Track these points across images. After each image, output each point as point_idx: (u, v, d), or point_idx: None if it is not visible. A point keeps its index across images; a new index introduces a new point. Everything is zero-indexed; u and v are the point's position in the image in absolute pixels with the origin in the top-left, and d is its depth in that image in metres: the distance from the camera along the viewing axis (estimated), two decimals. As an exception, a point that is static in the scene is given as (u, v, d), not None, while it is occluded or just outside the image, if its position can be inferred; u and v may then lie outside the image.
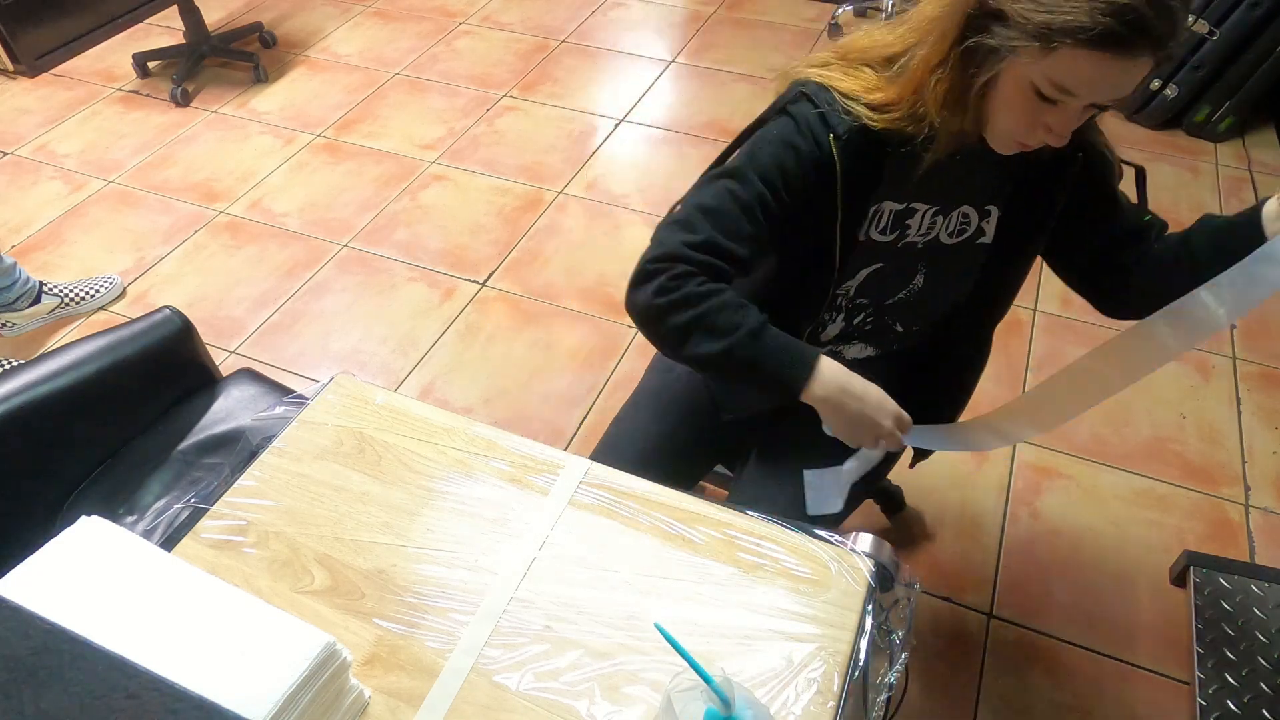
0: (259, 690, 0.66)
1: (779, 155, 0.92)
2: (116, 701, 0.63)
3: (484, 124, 2.87)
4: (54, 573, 0.74)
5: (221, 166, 2.71)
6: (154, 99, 3.01)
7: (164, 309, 1.32)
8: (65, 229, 2.47)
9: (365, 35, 3.35)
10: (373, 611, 0.83)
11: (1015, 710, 1.47)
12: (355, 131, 2.84)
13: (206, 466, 1.23)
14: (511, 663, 0.79)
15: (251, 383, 1.37)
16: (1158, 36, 0.74)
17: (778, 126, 0.93)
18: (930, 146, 0.89)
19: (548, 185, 2.61)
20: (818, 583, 0.85)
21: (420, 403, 1.04)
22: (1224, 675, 1.41)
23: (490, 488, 0.94)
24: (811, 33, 3.35)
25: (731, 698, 0.68)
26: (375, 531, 0.90)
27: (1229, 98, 2.66)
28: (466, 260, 2.35)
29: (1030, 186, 0.98)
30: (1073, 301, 2.24)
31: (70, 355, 1.20)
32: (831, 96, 0.90)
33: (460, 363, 2.08)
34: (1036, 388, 0.98)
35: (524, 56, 3.21)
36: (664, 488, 0.94)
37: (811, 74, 0.93)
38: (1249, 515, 1.74)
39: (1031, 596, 1.62)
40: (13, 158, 2.76)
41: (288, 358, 2.10)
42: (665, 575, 0.86)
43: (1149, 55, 0.75)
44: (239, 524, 0.90)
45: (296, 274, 2.32)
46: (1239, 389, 2.00)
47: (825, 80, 0.92)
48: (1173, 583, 1.63)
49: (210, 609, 0.72)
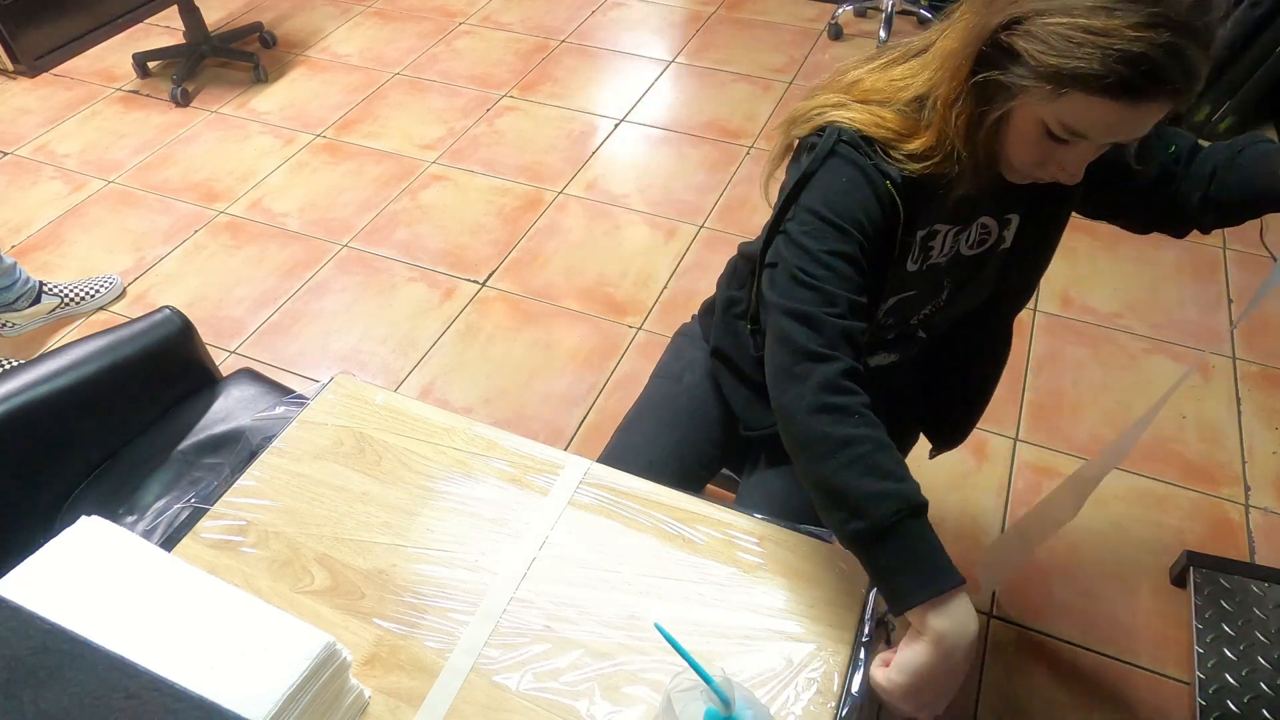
0: (259, 690, 0.66)
1: (860, 201, 0.87)
2: (116, 701, 0.63)
3: (484, 124, 2.87)
4: (54, 573, 0.74)
5: (221, 166, 2.71)
6: (154, 99, 3.01)
7: (164, 309, 1.32)
8: (65, 229, 2.47)
9: (365, 35, 3.35)
10: (373, 611, 0.83)
11: (1015, 710, 1.47)
12: (355, 131, 2.85)
13: (206, 466, 1.23)
14: (511, 663, 0.79)
15: (251, 383, 1.37)
16: (1174, 88, 0.71)
17: (840, 173, 0.88)
18: (960, 178, 0.87)
19: (548, 185, 2.61)
20: (818, 582, 0.85)
21: (420, 403, 1.04)
22: (1224, 675, 1.41)
23: (490, 488, 0.94)
24: (811, 33, 3.35)
25: (731, 698, 0.68)
26: (375, 531, 0.90)
27: (1229, 98, 2.66)
28: (466, 260, 2.35)
29: (1046, 188, 0.95)
30: (1073, 301, 2.26)
31: (70, 355, 1.20)
32: (873, 148, 0.88)
33: (460, 363, 2.08)
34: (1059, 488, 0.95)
35: (524, 56, 3.21)
36: (664, 488, 0.94)
37: (836, 117, 0.89)
38: (1249, 515, 1.74)
39: (1031, 596, 1.62)
40: (13, 158, 2.76)
41: (288, 358, 2.10)
42: (665, 575, 0.86)
43: (1165, 103, 0.72)
44: (239, 524, 0.90)
45: (296, 274, 2.32)
46: (1239, 389, 1.99)
47: (853, 124, 0.88)
48: (1173, 583, 1.63)
49: (210, 609, 0.72)
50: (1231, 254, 2.35)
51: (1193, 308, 2.19)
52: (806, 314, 0.84)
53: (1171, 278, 2.27)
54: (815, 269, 0.85)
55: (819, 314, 0.83)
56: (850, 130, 0.88)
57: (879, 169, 0.86)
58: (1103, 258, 2.34)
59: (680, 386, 1.24)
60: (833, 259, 0.85)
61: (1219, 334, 2.12)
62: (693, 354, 1.27)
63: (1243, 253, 2.36)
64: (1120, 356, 2.06)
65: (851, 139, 0.88)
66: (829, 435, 0.79)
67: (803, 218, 0.88)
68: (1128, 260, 2.33)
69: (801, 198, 0.89)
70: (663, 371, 1.28)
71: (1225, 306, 2.20)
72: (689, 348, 1.28)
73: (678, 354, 1.29)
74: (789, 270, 0.87)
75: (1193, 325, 2.14)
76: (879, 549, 0.76)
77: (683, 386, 1.23)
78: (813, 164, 0.89)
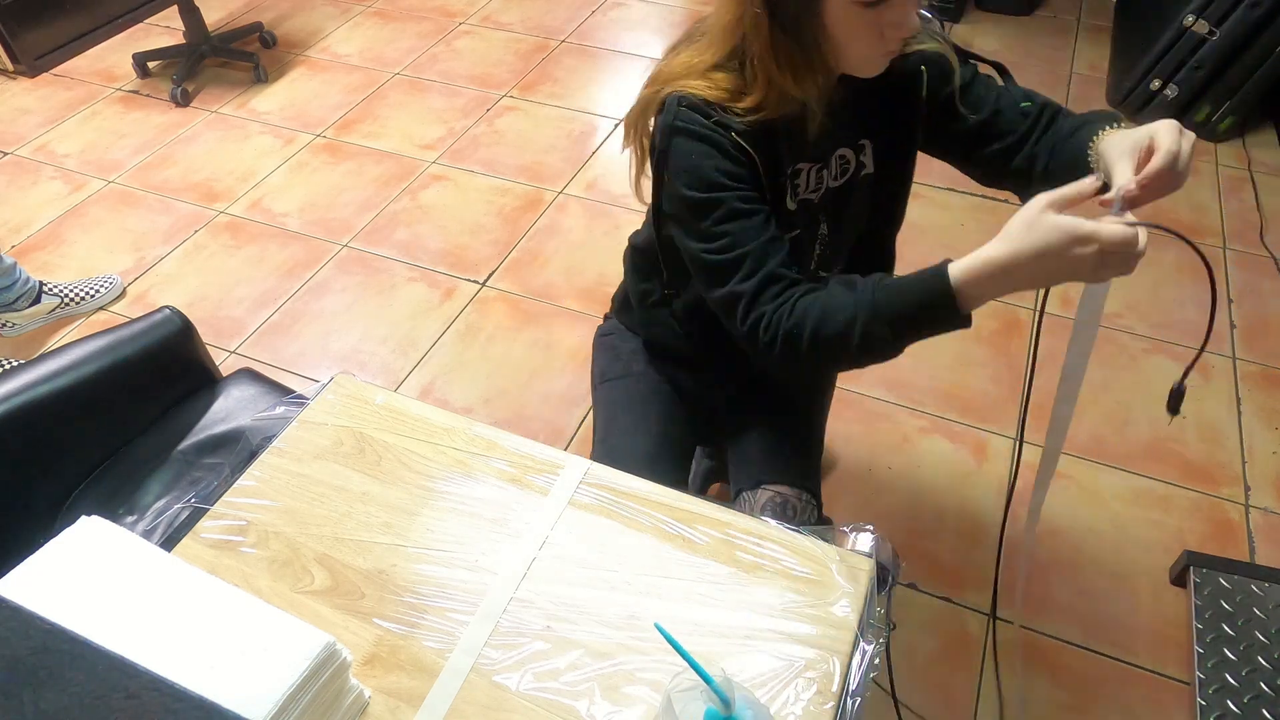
0: (259, 690, 0.66)
1: (715, 165, 0.92)
2: (116, 701, 0.63)
3: (484, 124, 2.87)
4: (54, 573, 0.74)
5: (221, 166, 2.71)
6: (154, 99, 3.01)
7: (164, 309, 1.32)
8: (65, 229, 2.47)
9: (365, 35, 3.35)
10: (373, 611, 0.83)
11: (1015, 710, 1.47)
12: (355, 131, 2.84)
13: (206, 466, 1.23)
14: (511, 663, 0.79)
15: (251, 383, 1.37)
16: None
17: (687, 149, 0.93)
18: (811, 117, 0.94)
19: (548, 185, 2.61)
20: (818, 582, 0.85)
21: (420, 403, 1.04)
22: (1224, 675, 1.41)
23: (490, 488, 0.94)
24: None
25: (731, 698, 0.68)
26: (375, 531, 0.90)
27: (1229, 98, 2.66)
28: (466, 260, 2.35)
29: (891, 111, 1.02)
30: (1073, 302, 2.24)
31: (70, 355, 1.21)
32: (712, 108, 0.93)
33: (460, 363, 2.08)
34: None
35: (524, 56, 3.21)
36: (664, 488, 0.94)
37: (675, 88, 0.94)
38: (1249, 515, 1.74)
39: (1031, 596, 1.62)
40: (13, 158, 2.76)
41: (288, 358, 2.10)
42: (665, 575, 0.86)
43: None
44: (239, 524, 0.90)
45: (296, 274, 2.32)
46: (1239, 389, 1.99)
47: (692, 90, 0.93)
48: (1173, 583, 1.63)
49: (210, 609, 0.72)
50: (1231, 254, 2.35)
51: (1193, 308, 2.19)
52: (727, 298, 0.93)
53: (1171, 278, 2.27)
54: (711, 244, 0.93)
55: (735, 290, 0.92)
56: (688, 95, 0.93)
57: (720, 124, 0.92)
58: (1103, 258, 2.34)
59: (633, 380, 1.26)
60: (720, 226, 0.93)
61: (1219, 334, 2.12)
62: (628, 347, 1.29)
63: (1243, 253, 2.36)
64: (1120, 356, 2.06)
65: (689, 102, 0.93)
66: (835, 338, 0.87)
67: (677, 207, 0.96)
68: (1128, 260, 2.33)
69: (666, 186, 0.97)
70: (608, 375, 1.29)
71: (1225, 306, 2.20)
72: (621, 343, 1.31)
73: (614, 354, 1.30)
74: (695, 259, 0.96)
75: (1193, 325, 2.14)
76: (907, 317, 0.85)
77: (635, 378, 1.26)
78: (662, 142, 0.96)
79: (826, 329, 0.87)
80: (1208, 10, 2.55)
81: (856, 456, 1.85)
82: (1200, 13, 2.56)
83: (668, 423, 1.22)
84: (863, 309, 0.86)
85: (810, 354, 0.89)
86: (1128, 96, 2.81)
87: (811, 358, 0.90)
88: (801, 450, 1.23)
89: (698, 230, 0.95)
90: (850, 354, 0.88)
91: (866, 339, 0.86)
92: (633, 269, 1.25)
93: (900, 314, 0.85)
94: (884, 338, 0.86)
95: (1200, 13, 2.56)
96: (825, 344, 0.88)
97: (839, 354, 0.89)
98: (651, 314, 1.22)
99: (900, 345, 0.87)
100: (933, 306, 0.83)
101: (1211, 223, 2.45)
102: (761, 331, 0.91)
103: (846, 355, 0.89)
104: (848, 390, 1.98)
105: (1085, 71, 3.10)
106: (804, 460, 1.22)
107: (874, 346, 0.87)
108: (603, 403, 1.27)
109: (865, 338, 0.86)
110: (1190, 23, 2.59)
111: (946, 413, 1.93)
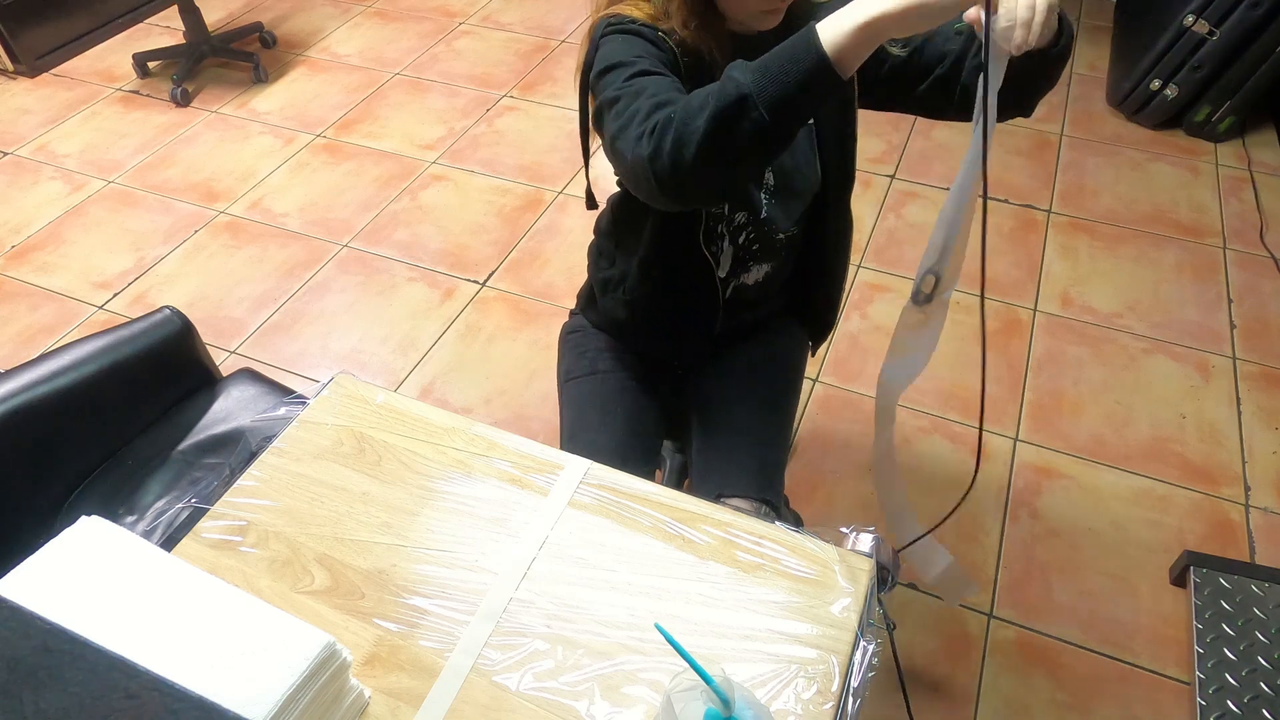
0: (259, 690, 0.66)
1: (641, 48, 0.94)
2: (116, 701, 0.63)
3: (484, 124, 2.87)
4: (54, 573, 0.74)
5: (221, 166, 2.71)
6: (154, 99, 3.01)
7: (164, 309, 1.32)
8: (65, 229, 2.47)
9: (365, 35, 3.35)
10: (373, 611, 0.83)
11: (1015, 710, 1.47)
12: (355, 131, 2.85)
13: (206, 466, 1.23)
14: (511, 663, 0.79)
15: (251, 383, 1.37)
16: None
17: (615, 42, 0.95)
18: (713, 63, 0.97)
19: (548, 185, 2.61)
20: (818, 583, 0.85)
21: (420, 403, 1.04)
22: (1224, 675, 1.41)
23: (490, 488, 0.94)
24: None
25: (731, 698, 0.68)
26: (375, 531, 0.90)
27: (1229, 98, 2.66)
28: (466, 260, 2.35)
29: None
30: (1073, 301, 2.26)
31: (70, 355, 1.21)
32: (639, 25, 0.96)
33: (460, 363, 2.08)
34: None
35: (524, 56, 3.21)
36: (664, 488, 0.94)
37: (604, 14, 0.99)
38: (1249, 515, 1.74)
39: (1031, 596, 1.62)
40: (13, 158, 2.76)
41: (288, 358, 2.10)
42: (665, 575, 0.86)
43: None
44: (239, 524, 0.90)
45: (296, 274, 2.32)
46: (1239, 389, 2.00)
47: (623, 12, 0.98)
48: (1173, 583, 1.63)
49: (210, 609, 0.72)
50: (1231, 254, 2.35)
51: (1193, 308, 2.19)
52: (627, 129, 0.84)
53: (1171, 278, 2.27)
54: (620, 92, 0.88)
55: (637, 128, 0.83)
56: (618, 14, 0.98)
57: (650, 28, 0.96)
58: (1103, 258, 2.34)
59: (598, 378, 1.26)
60: (637, 79, 0.90)
61: (1219, 334, 2.12)
62: (592, 345, 1.29)
63: (1243, 253, 2.36)
64: (1120, 356, 2.06)
65: (619, 21, 0.97)
66: (703, 104, 0.79)
67: (601, 84, 0.92)
68: (1128, 260, 2.33)
69: (593, 84, 0.96)
70: (574, 373, 1.29)
71: (1225, 306, 2.20)
72: (586, 342, 1.31)
73: (580, 352, 1.30)
74: (606, 126, 0.89)
75: (1193, 325, 2.14)
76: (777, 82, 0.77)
77: (600, 377, 1.26)
78: (591, 49, 0.97)
79: (695, 99, 0.80)
80: (1208, 10, 2.55)
81: (856, 457, 1.85)
82: (1200, 13, 2.56)
83: (634, 419, 1.22)
84: (729, 70, 0.80)
85: (690, 135, 0.79)
86: (1128, 96, 2.81)
87: (695, 140, 0.79)
88: (760, 458, 1.20)
89: (612, 98, 0.89)
90: (726, 115, 0.78)
91: (726, 87, 0.78)
92: (596, 254, 1.27)
93: (764, 61, 0.78)
94: (746, 83, 0.77)
95: (1200, 13, 2.56)
96: (699, 115, 0.79)
97: (717, 120, 0.78)
98: (613, 302, 1.23)
99: (770, 91, 0.77)
100: (792, 44, 0.77)
101: (1211, 223, 2.46)
102: (647, 138, 0.82)
103: (722, 119, 0.78)
104: (848, 390, 1.99)
105: (1085, 71, 3.10)
106: (763, 471, 1.19)
107: (739, 97, 0.77)
108: (569, 401, 1.27)
109: (726, 84, 0.78)
110: (1190, 23, 2.59)
111: (946, 413, 1.93)
